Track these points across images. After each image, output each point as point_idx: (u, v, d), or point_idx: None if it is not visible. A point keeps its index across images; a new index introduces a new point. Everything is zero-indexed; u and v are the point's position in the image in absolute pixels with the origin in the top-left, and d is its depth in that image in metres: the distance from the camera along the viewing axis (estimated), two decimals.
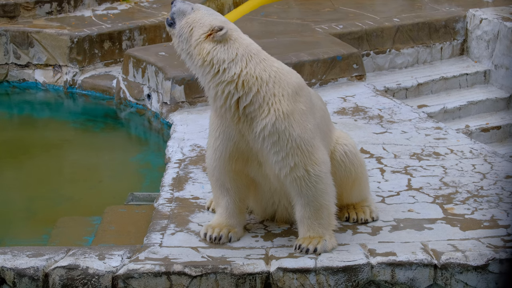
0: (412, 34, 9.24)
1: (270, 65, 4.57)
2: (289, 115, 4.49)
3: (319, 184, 4.56)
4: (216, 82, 4.52)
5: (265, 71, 4.53)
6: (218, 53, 4.51)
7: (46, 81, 9.05)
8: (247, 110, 4.51)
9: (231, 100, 4.51)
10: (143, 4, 10.25)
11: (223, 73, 4.50)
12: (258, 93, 4.49)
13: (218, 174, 4.75)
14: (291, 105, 4.51)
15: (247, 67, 4.50)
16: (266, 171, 4.64)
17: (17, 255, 4.48)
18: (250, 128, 4.53)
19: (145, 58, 8.11)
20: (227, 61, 4.50)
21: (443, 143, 6.50)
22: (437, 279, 4.50)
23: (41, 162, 7.29)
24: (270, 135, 4.49)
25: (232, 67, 4.50)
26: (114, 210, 5.72)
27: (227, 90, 4.50)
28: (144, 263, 4.44)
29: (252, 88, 4.49)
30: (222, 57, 4.51)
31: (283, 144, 4.49)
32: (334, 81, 8.15)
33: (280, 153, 4.50)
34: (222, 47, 4.52)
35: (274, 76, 4.53)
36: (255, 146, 4.56)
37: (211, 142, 4.72)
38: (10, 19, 9.52)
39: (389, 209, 5.23)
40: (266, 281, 4.43)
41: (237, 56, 4.51)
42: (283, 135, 4.48)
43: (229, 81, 4.50)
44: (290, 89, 4.53)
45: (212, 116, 4.73)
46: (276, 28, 9.22)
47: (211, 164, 4.76)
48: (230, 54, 4.51)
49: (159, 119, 7.73)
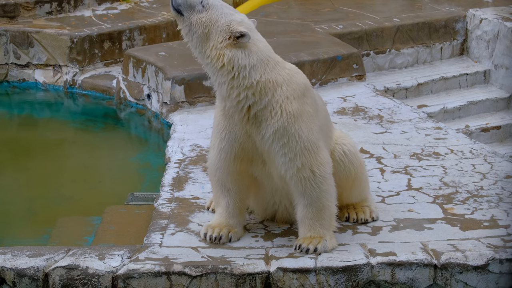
0: (412, 34, 9.24)
1: (283, 67, 4.53)
2: (298, 117, 4.47)
3: (323, 184, 4.55)
4: (232, 85, 4.45)
5: (280, 75, 4.48)
6: (240, 59, 4.41)
7: (46, 81, 9.05)
8: (258, 114, 4.49)
9: (245, 104, 4.47)
10: (143, 4, 10.25)
11: (243, 78, 4.43)
12: (273, 97, 4.46)
13: (221, 174, 4.73)
14: (300, 106, 4.49)
15: (265, 73, 4.44)
16: (270, 171, 4.63)
17: (17, 255, 4.48)
18: (258, 130, 4.51)
19: (145, 58, 8.10)
20: (248, 68, 4.42)
21: (443, 143, 6.50)
22: (437, 279, 4.49)
23: (41, 162, 7.28)
24: (280, 137, 4.46)
25: (252, 73, 4.42)
26: (114, 210, 5.72)
27: (244, 94, 4.44)
28: (144, 263, 4.44)
29: (268, 93, 4.45)
30: (244, 63, 4.42)
31: (292, 145, 4.47)
32: (334, 81, 8.15)
33: (288, 155, 4.48)
34: (243, 53, 4.42)
35: (288, 78, 4.49)
36: (262, 146, 4.54)
37: (216, 143, 4.67)
38: (10, 19, 9.52)
39: (389, 209, 5.23)
40: (266, 281, 4.43)
41: (257, 61, 4.43)
42: (292, 137, 4.46)
43: (248, 87, 4.44)
44: (299, 91, 4.51)
45: (217, 116, 4.66)
46: (276, 28, 9.22)
47: (215, 165, 4.73)
48: (251, 60, 4.42)
49: (159, 119, 7.72)
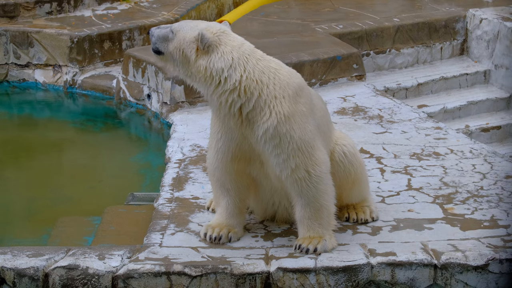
0: (412, 34, 9.24)
1: (267, 66, 4.53)
2: (290, 118, 4.47)
3: (320, 184, 4.55)
4: (219, 93, 4.48)
5: (264, 73, 4.49)
6: (215, 64, 4.46)
7: (46, 81, 9.05)
8: (249, 115, 4.50)
9: (235, 107, 4.48)
10: (143, 4, 10.25)
11: (225, 82, 4.46)
12: (260, 97, 4.47)
13: (219, 174, 4.74)
14: (292, 106, 4.49)
15: (246, 71, 4.46)
16: (267, 171, 4.64)
17: (17, 255, 4.48)
18: (252, 131, 4.52)
19: (145, 58, 8.11)
20: (226, 69, 4.45)
21: (443, 143, 6.50)
22: (437, 279, 4.49)
23: (41, 162, 7.28)
24: (271, 138, 4.47)
25: (232, 74, 4.45)
26: (114, 210, 5.72)
27: (231, 98, 4.46)
28: (144, 263, 4.44)
29: (254, 92, 4.46)
30: (220, 66, 4.45)
31: (284, 146, 4.48)
32: (334, 81, 8.15)
33: (281, 156, 4.49)
34: (215, 56, 4.46)
35: (274, 77, 4.50)
36: (257, 147, 4.56)
37: (213, 143, 4.69)
38: (10, 19, 9.52)
39: (389, 209, 5.23)
40: (266, 281, 4.43)
41: (233, 60, 4.46)
42: (284, 138, 4.47)
43: (231, 89, 4.46)
44: (290, 90, 4.51)
45: (213, 118, 4.70)
46: (276, 28, 9.22)
47: (213, 164, 4.74)
48: (226, 60, 4.46)
49: (159, 119, 7.73)
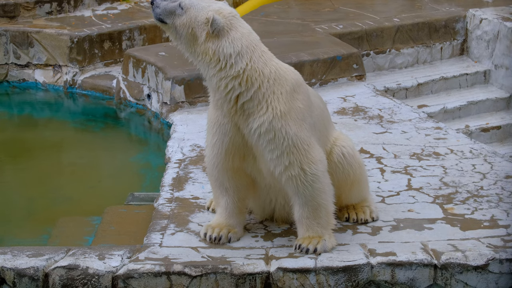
0: (412, 34, 9.24)
1: (270, 59, 4.54)
2: (286, 114, 4.47)
3: (316, 183, 4.54)
4: (220, 77, 4.47)
5: (266, 66, 4.49)
6: (224, 48, 4.44)
7: (46, 81, 9.05)
8: (245, 106, 4.50)
9: (233, 94, 4.48)
10: (143, 4, 10.25)
11: (230, 68, 4.45)
12: (259, 90, 4.47)
13: (217, 172, 4.73)
14: (288, 103, 4.49)
15: (251, 61, 4.46)
16: (260, 167, 4.63)
17: (17, 255, 4.48)
18: (246, 123, 4.51)
19: (145, 58, 8.11)
20: (234, 55, 4.44)
21: (443, 143, 6.50)
22: (437, 279, 4.49)
23: (41, 162, 7.28)
24: (266, 132, 4.47)
25: (239, 61, 4.44)
26: (114, 210, 5.72)
27: (231, 85, 4.46)
28: (144, 263, 4.44)
29: (255, 83, 4.47)
30: (229, 52, 4.44)
31: (278, 142, 4.47)
32: (334, 81, 8.15)
33: (275, 151, 4.48)
34: (226, 41, 4.45)
35: (275, 72, 4.50)
36: (250, 140, 4.55)
37: (209, 139, 4.70)
38: (10, 19, 9.52)
39: (389, 209, 5.23)
40: (266, 281, 4.43)
41: (242, 47, 4.45)
42: (279, 133, 4.46)
43: (234, 76, 4.46)
44: (288, 87, 4.51)
45: (210, 110, 4.70)
46: (276, 28, 9.22)
47: (210, 161, 4.74)
48: (235, 46, 4.45)
49: (159, 119, 7.73)
